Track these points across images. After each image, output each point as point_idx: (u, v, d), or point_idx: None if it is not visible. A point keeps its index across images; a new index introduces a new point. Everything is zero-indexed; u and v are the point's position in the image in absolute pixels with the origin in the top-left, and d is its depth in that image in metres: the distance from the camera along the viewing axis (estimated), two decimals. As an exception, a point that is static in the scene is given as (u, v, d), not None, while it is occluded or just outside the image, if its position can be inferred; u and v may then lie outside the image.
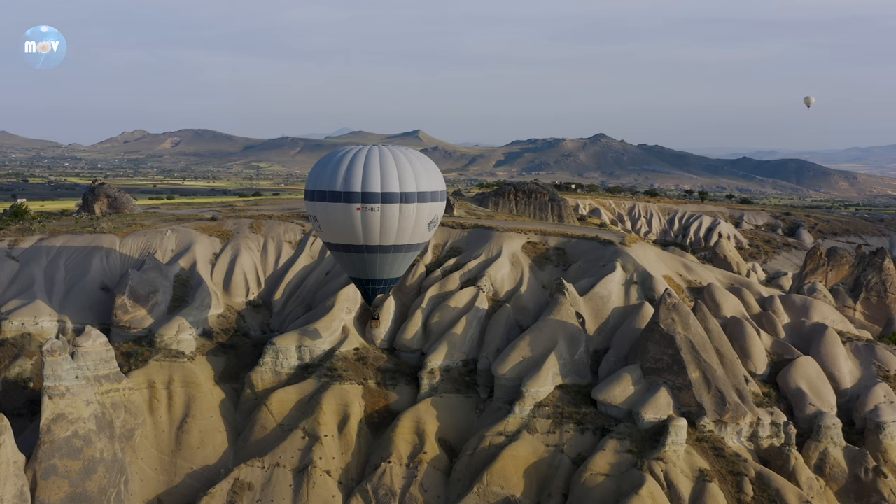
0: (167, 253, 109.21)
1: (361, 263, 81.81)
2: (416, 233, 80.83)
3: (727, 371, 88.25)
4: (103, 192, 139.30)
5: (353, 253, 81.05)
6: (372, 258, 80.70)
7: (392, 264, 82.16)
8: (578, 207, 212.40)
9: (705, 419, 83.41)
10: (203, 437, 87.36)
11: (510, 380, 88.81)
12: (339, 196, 77.87)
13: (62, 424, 77.73)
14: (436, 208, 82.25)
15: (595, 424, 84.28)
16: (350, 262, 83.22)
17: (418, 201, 79.02)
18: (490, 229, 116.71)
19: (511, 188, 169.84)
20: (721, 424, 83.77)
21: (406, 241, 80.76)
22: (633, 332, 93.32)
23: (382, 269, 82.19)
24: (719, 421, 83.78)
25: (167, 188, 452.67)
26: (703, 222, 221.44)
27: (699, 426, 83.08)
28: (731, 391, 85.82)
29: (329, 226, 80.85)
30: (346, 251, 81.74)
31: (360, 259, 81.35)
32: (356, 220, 77.95)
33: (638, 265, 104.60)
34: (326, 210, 79.66)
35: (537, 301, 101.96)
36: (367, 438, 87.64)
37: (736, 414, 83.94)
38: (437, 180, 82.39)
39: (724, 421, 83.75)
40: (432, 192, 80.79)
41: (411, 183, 78.48)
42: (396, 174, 78.01)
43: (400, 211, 78.22)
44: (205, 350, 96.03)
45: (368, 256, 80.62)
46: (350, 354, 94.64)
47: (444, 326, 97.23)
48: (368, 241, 79.30)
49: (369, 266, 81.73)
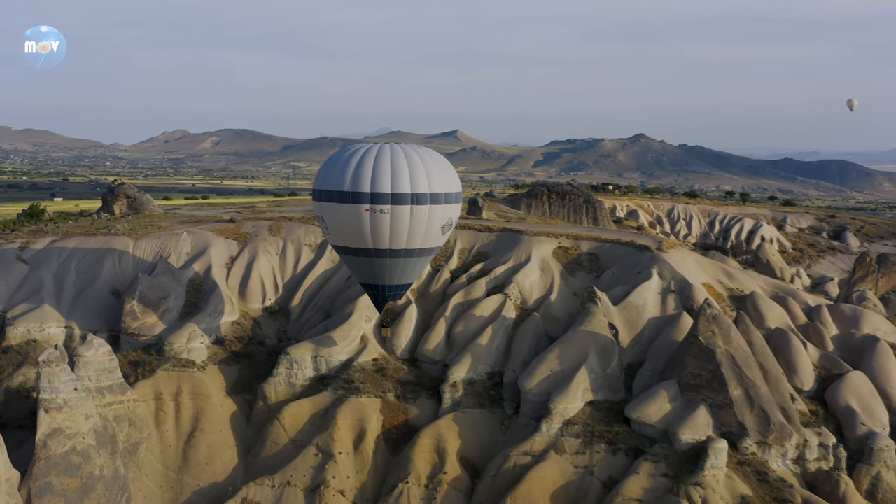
0: (182, 256, 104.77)
1: (370, 268, 77.16)
2: (429, 237, 75.84)
3: (771, 388, 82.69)
4: (123, 192, 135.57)
5: (362, 257, 76.51)
6: (381, 263, 76.02)
7: (403, 269, 77.31)
8: (616, 209, 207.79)
9: (748, 441, 78.40)
10: (211, 452, 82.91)
11: (537, 395, 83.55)
12: (346, 196, 73.18)
13: (59, 439, 73.53)
14: (450, 211, 77.11)
15: (628, 445, 79.12)
16: (359, 267, 78.67)
17: (431, 203, 74.02)
18: (519, 233, 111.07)
19: (544, 189, 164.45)
20: (765, 446, 78.64)
21: (418, 246, 75.75)
22: (670, 344, 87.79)
23: (393, 275, 77.38)
24: (763, 442, 78.67)
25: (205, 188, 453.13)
26: (745, 225, 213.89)
27: (741, 448, 78.10)
28: (775, 410, 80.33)
29: (336, 228, 76.34)
30: (354, 255, 77.18)
31: (368, 263, 76.70)
32: (365, 222, 73.31)
33: (676, 272, 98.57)
34: (333, 211, 75.09)
35: (568, 310, 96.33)
36: (385, 456, 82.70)
37: (781, 435, 78.76)
38: (451, 181, 77.39)
39: (767, 442, 78.72)
40: (446, 194, 75.70)
41: (423, 183, 73.52)
42: (408, 174, 73.07)
43: (411, 213, 73.37)
44: (217, 359, 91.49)
45: (378, 261, 75.95)
46: (368, 365, 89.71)
47: (468, 336, 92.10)
48: (378, 244, 74.52)
49: (379, 271, 77.01)
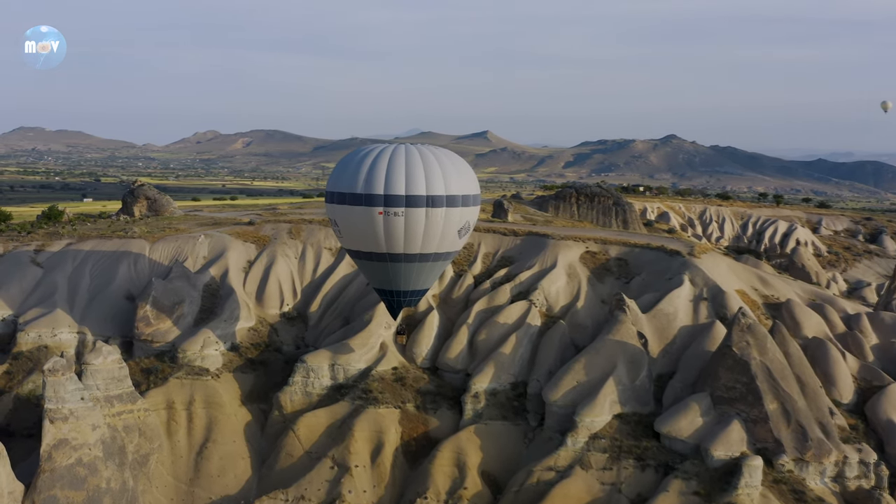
0: (198, 260, 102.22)
1: (384, 273, 74.29)
2: (445, 241, 72.73)
3: (809, 402, 78.99)
4: (143, 193, 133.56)
5: (376, 261, 73.89)
6: (396, 267, 73.12)
7: (418, 274, 74.30)
8: (646, 211, 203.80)
9: (784, 457, 75.18)
10: (224, 464, 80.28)
11: (563, 407, 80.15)
12: (359, 199, 70.37)
13: (64, 451, 70.91)
14: (467, 214, 73.93)
15: (657, 460, 75.73)
16: (372, 271, 75.94)
17: (447, 206, 70.97)
18: (545, 237, 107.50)
19: (573, 191, 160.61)
20: (802, 463, 75.47)
21: (433, 250, 72.71)
22: (703, 355, 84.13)
23: (408, 280, 74.42)
24: (800, 459, 75.56)
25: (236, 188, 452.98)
26: (779, 227, 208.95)
27: (777, 465, 74.89)
28: (813, 425, 76.76)
29: (349, 231, 73.65)
30: (367, 259, 74.46)
31: (382, 268, 73.86)
32: (378, 225, 70.46)
33: (708, 279, 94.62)
34: (346, 214, 72.37)
35: (595, 318, 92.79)
36: (403, 470, 79.72)
37: (819, 451, 75.48)
38: (469, 183, 74.28)
39: (805, 459, 75.63)
40: (463, 196, 72.53)
41: (439, 185, 70.42)
42: (423, 175, 70.12)
43: (426, 216, 70.40)
44: (232, 367, 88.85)
45: (392, 265, 73.08)
46: (388, 374, 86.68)
47: (491, 344, 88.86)
48: (391, 248, 71.61)
49: (393, 276, 74.10)
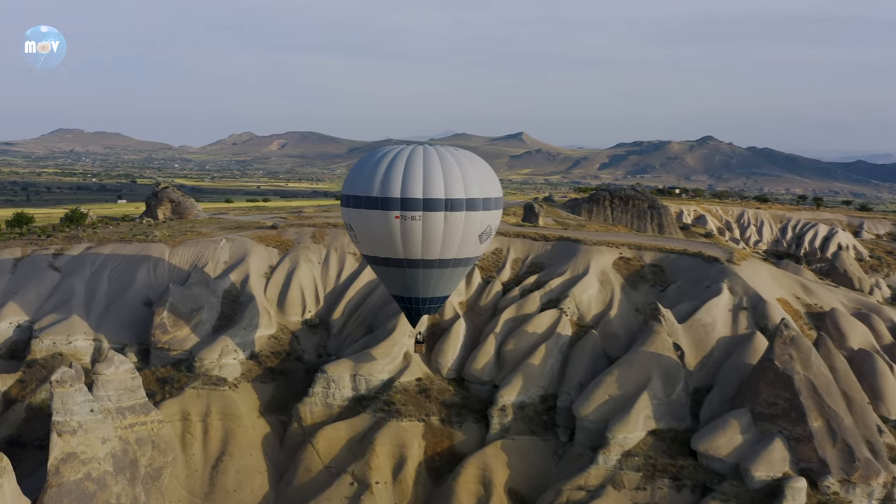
0: (219, 265, 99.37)
1: (402, 279, 71.04)
2: (465, 246, 69.23)
3: (856, 419, 74.43)
4: (166, 196, 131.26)
5: (393, 267, 70.68)
6: (414, 274, 69.78)
7: (437, 281, 70.89)
8: (682, 214, 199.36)
9: (829, 478, 70.61)
10: (241, 478, 77.26)
11: (594, 422, 76.28)
12: (375, 202, 67.10)
13: (73, 465, 68.26)
14: (489, 218, 70.36)
15: (694, 480, 71.65)
16: (390, 278, 72.74)
17: (467, 209, 67.42)
18: (577, 242, 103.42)
19: (606, 194, 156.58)
20: (848, 485, 70.79)
21: (452, 256, 69.22)
22: (742, 368, 79.83)
23: (426, 287, 71.08)
24: (846, 481, 70.84)
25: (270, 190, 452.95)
26: (819, 231, 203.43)
27: (822, 487, 70.36)
28: (860, 444, 72.35)
29: (365, 236, 70.42)
30: (384, 265, 71.26)
31: (400, 274, 70.60)
32: (395, 229, 67.23)
33: (748, 287, 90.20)
34: (362, 218, 69.12)
35: (629, 328, 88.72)
36: (426, 486, 76.26)
37: (867, 472, 70.88)
38: (490, 185, 70.80)
39: (852, 481, 70.84)
40: (484, 200, 68.96)
41: (459, 188, 66.95)
42: (441, 178, 66.67)
43: (445, 220, 66.95)
44: (251, 376, 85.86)
45: (410, 272, 69.73)
46: (411, 385, 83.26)
47: (519, 355, 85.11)
48: (409, 254, 68.29)
49: (411, 283, 70.79)
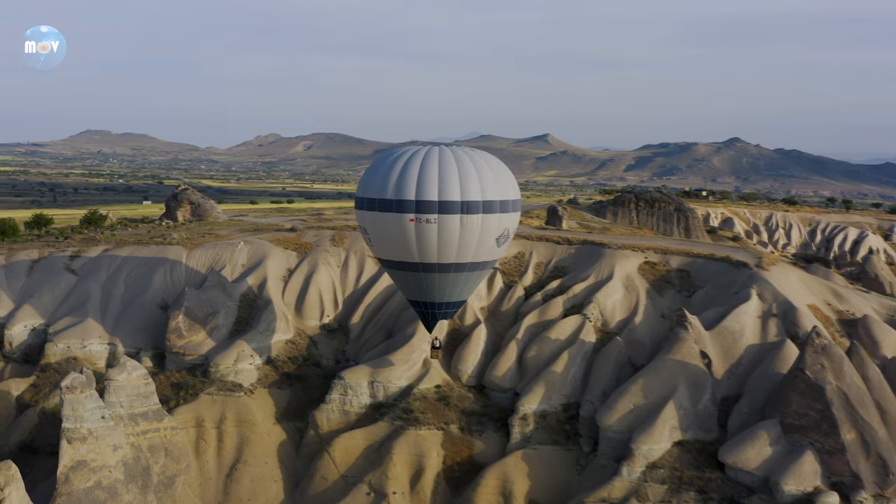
0: (237, 268, 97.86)
1: (417, 284, 68.99)
2: (482, 249, 67.02)
3: (891, 431, 72.01)
4: (186, 198, 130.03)
5: (408, 271, 68.56)
6: (430, 278, 67.67)
7: (454, 286, 68.75)
8: (709, 217, 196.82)
9: (863, 493, 68.29)
10: (255, 486, 75.64)
11: (618, 432, 73.94)
12: (389, 205, 65.05)
13: (83, 473, 66.86)
14: (506, 221, 68.15)
15: (721, 494, 69.18)
16: (405, 282, 70.73)
17: (483, 212, 65.22)
18: (601, 246, 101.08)
19: (632, 197, 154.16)
20: (882, 500, 68.51)
21: (469, 259, 67.02)
22: (772, 377, 77.26)
23: (443, 292, 68.96)
24: (880, 496, 68.57)
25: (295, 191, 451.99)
26: (849, 234, 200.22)
27: (854, 502, 68.05)
28: (895, 457, 68.74)
29: (380, 239, 68.46)
30: (399, 269, 69.16)
31: (415, 279, 68.55)
32: (409, 233, 65.11)
33: (778, 293, 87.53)
34: (376, 221, 67.13)
35: (655, 334, 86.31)
36: (445, 497, 74.38)
37: (902, 487, 67.96)
38: (508, 187, 68.58)
39: (885, 496, 68.59)
40: (501, 202, 66.68)
41: (475, 190, 64.77)
42: (457, 180, 64.48)
43: (461, 223, 64.77)
44: (267, 382, 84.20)
45: (425, 276, 67.65)
46: (430, 393, 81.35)
47: (542, 362, 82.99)
48: (425, 258, 66.20)
49: (427, 287, 68.68)
